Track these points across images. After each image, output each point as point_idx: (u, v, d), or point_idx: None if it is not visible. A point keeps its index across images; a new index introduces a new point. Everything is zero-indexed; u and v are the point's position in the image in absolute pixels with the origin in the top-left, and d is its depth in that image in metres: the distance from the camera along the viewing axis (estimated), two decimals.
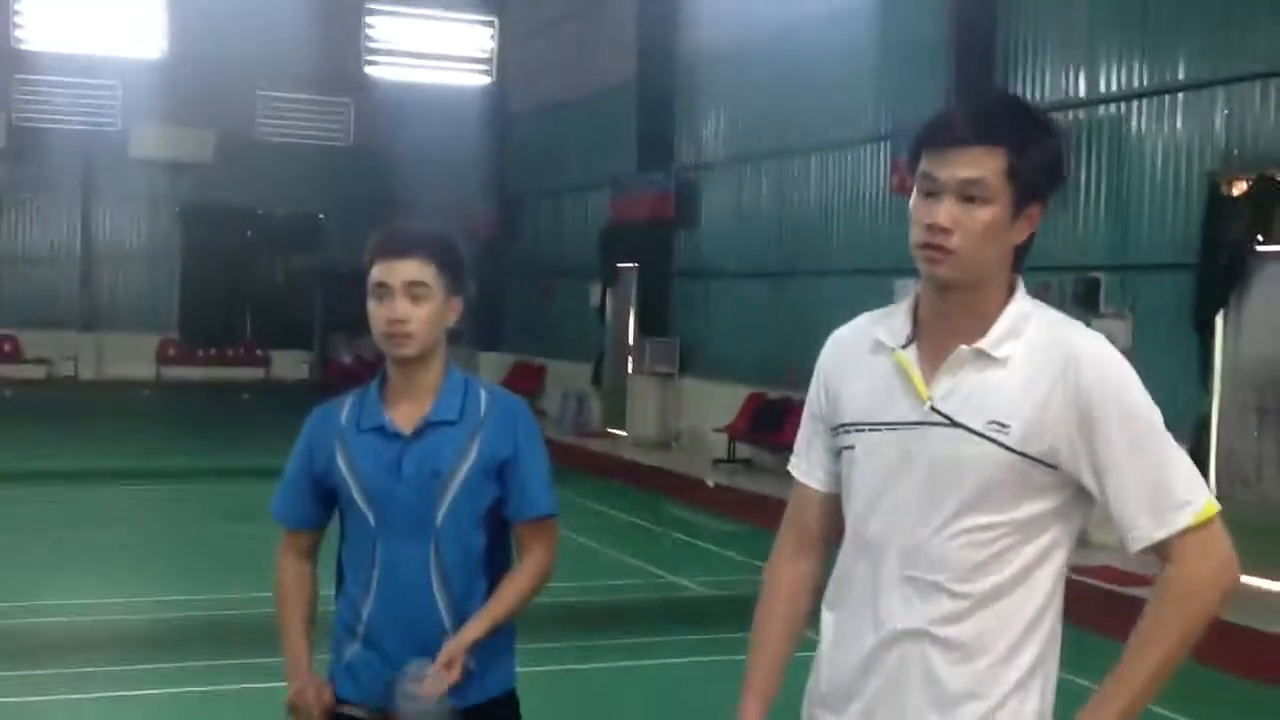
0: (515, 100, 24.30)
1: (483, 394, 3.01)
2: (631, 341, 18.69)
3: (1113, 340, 2.30)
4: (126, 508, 12.68)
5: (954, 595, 2.13)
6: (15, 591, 8.65)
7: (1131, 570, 8.13)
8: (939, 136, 2.16)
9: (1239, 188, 9.81)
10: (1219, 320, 9.82)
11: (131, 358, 26.98)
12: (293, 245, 29.10)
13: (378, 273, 2.90)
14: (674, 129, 18.29)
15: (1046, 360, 2.13)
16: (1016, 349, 2.15)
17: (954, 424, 2.14)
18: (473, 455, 2.91)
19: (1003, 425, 2.11)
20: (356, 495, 2.92)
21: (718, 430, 15.69)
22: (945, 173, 2.13)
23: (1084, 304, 10.80)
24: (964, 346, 2.16)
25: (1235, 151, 10.06)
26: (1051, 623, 2.17)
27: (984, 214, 2.13)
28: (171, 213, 27.63)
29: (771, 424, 15.11)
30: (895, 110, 13.89)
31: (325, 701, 2.89)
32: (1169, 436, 2.12)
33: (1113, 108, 11.35)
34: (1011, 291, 2.21)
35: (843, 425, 2.27)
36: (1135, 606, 2.16)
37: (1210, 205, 9.97)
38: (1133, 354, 10.49)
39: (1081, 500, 2.16)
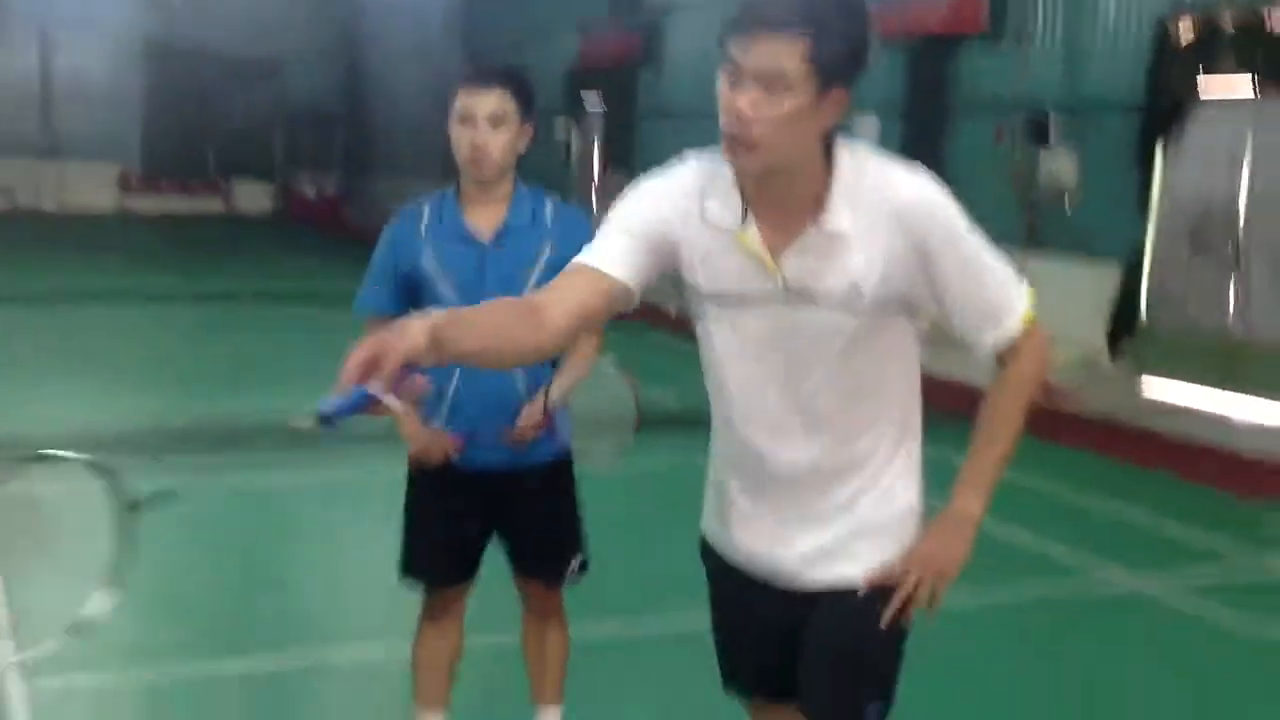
0: None
1: (548, 203, 3.48)
2: (596, 178, 19.22)
3: (1060, 176, 2.69)
4: (132, 327, 13.13)
5: (835, 434, 2.40)
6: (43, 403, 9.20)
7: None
8: (743, 23, 2.14)
9: (1185, 31, 10.39)
10: (1158, 156, 10.50)
11: (92, 186, 27.08)
12: (255, 82, 29.11)
13: (463, 103, 3.34)
14: None
15: (880, 220, 2.25)
16: (852, 219, 2.26)
17: (810, 298, 2.29)
18: (545, 254, 3.38)
19: (858, 292, 2.28)
20: (445, 290, 3.37)
21: None
22: (749, 62, 2.14)
23: (1034, 140, 11.40)
24: (810, 228, 2.26)
25: None
26: (914, 421, 2.49)
27: (786, 103, 2.13)
28: (135, 46, 27.50)
29: None
30: None
31: (446, 443, 3.43)
32: (988, 250, 2.33)
33: None
34: (829, 167, 2.27)
35: (702, 293, 2.39)
36: None
37: (1158, 48, 10.56)
38: (1079, 188, 11.21)
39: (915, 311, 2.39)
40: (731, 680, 2.71)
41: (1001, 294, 2.35)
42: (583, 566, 3.69)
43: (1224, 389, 9.81)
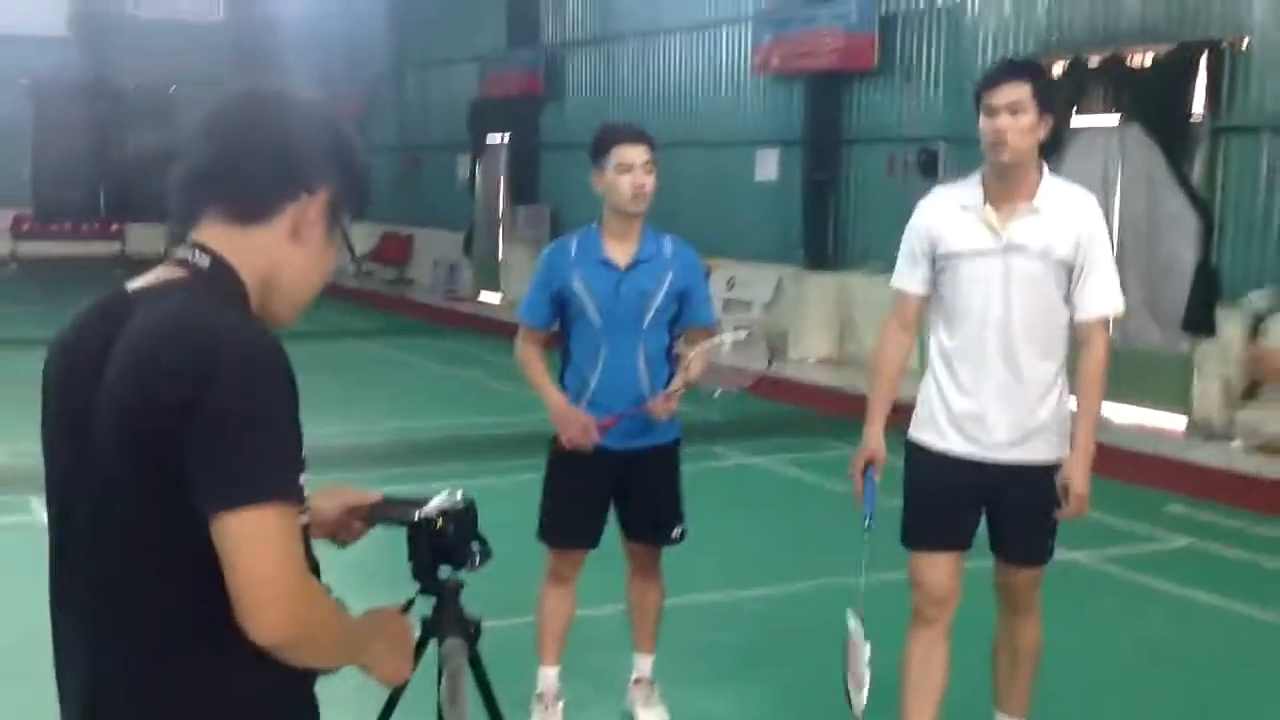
0: None
1: (668, 242, 4.53)
2: (502, 211, 19.82)
3: None
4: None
5: (1047, 346, 3.87)
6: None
7: None
8: (992, 80, 3.76)
9: (1057, 68, 11.45)
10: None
11: None
12: (147, 119, 29.11)
13: (622, 154, 4.34)
14: (540, 6, 19.26)
15: (1068, 208, 3.82)
16: (1052, 202, 3.80)
17: (1023, 249, 3.79)
18: (667, 283, 4.43)
19: (1049, 247, 3.78)
20: (589, 307, 4.38)
21: None
22: (999, 99, 3.70)
23: (925, 171, 12.33)
24: (1023, 204, 3.79)
25: (1054, 37, 11.69)
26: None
27: (1026, 120, 3.71)
28: (20, 86, 27.38)
29: None
30: None
31: (591, 424, 4.36)
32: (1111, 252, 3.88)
33: None
34: (1041, 170, 3.82)
35: (949, 254, 3.87)
36: None
37: None
38: None
39: None
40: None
41: (1112, 284, 3.85)
42: (682, 534, 4.63)
43: (1106, 397, 10.82)
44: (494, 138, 20.04)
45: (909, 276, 4.02)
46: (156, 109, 28.88)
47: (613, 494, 4.54)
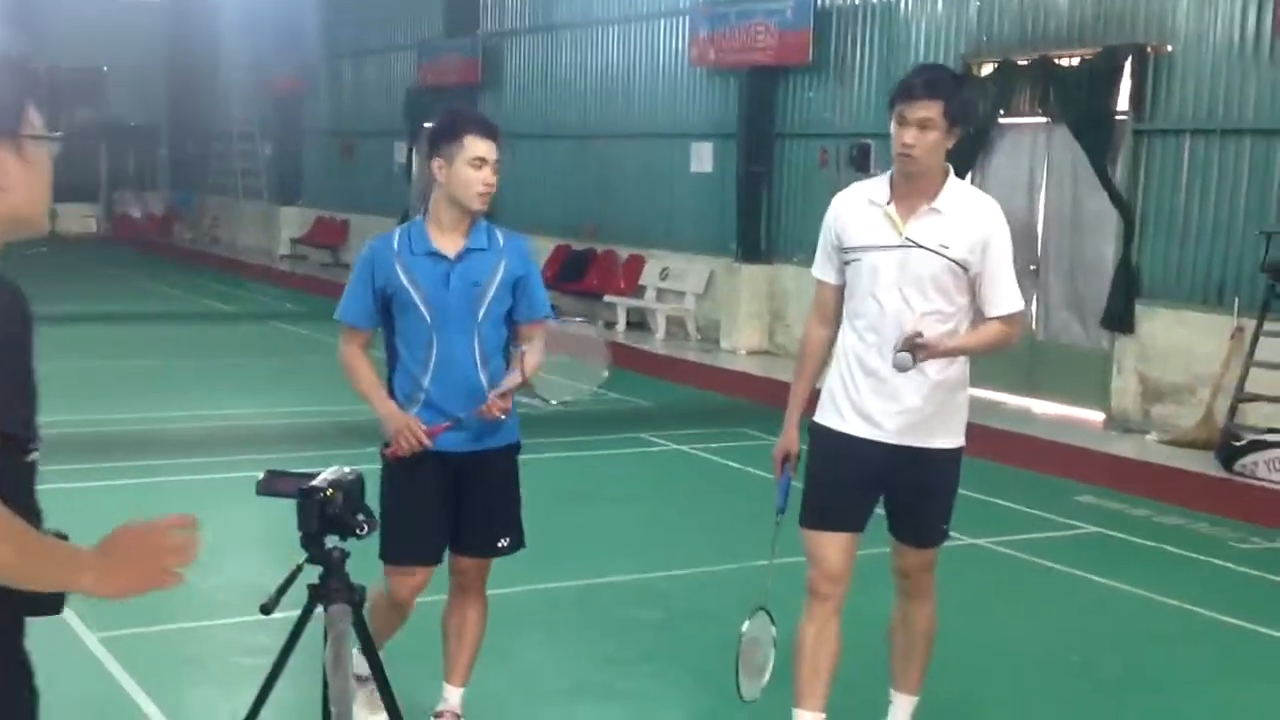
0: None
1: (499, 233, 4.19)
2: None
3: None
4: None
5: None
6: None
7: None
8: (908, 93, 3.90)
9: (986, 68, 11.64)
10: (966, 179, 11.67)
11: None
12: (76, 99, 28.72)
13: (477, 149, 4.00)
14: None
15: (968, 210, 3.98)
16: (952, 204, 3.96)
17: (920, 246, 3.94)
18: (500, 273, 4.10)
19: (946, 246, 3.93)
20: (417, 301, 4.05)
21: None
22: (911, 114, 3.87)
23: (857, 166, 12.48)
24: (924, 204, 3.94)
25: (984, 38, 11.87)
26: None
27: (932, 137, 3.88)
28: None
29: (577, 273, 16.59)
30: None
31: (420, 429, 4.00)
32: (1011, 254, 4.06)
33: None
34: (946, 174, 4.00)
35: (852, 248, 4.03)
36: None
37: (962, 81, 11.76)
38: None
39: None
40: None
41: (1012, 284, 4.02)
42: (511, 545, 4.28)
43: (1028, 391, 11.07)
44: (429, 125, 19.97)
45: (823, 268, 4.18)
46: (88, 89, 28.53)
47: (451, 501, 4.18)
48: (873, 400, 4.01)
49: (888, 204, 3.98)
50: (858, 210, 4.05)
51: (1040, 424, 10.44)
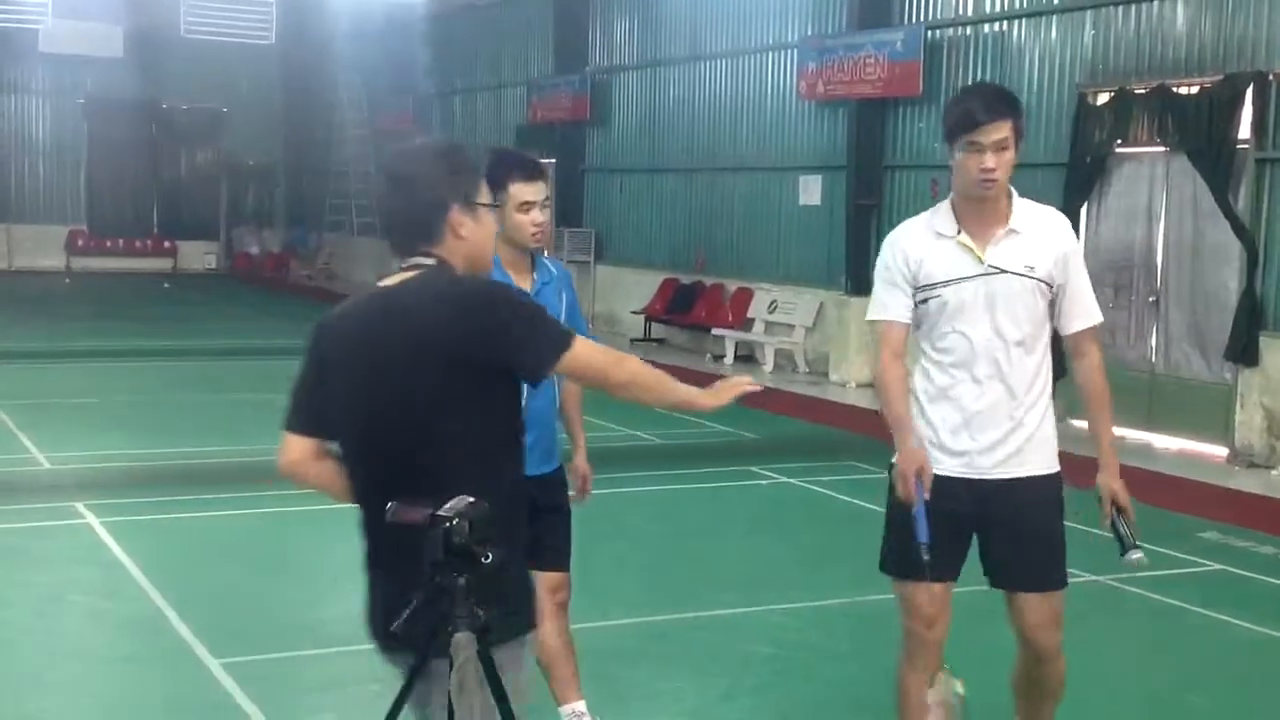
0: (435, 2, 25.02)
1: (548, 261, 4.45)
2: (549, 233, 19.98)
3: None
4: (103, 380, 13.70)
5: (1034, 361, 3.94)
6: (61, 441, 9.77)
7: None
8: (973, 119, 3.76)
9: (1102, 98, 11.46)
10: (1084, 210, 11.51)
11: (41, 248, 27.40)
12: (197, 139, 29.61)
13: (523, 194, 4.16)
14: (588, 32, 19.45)
15: (1044, 227, 3.92)
16: (1027, 223, 3.88)
17: (1004, 271, 3.86)
18: (565, 300, 4.38)
19: (1031, 266, 3.86)
20: None
21: (635, 312, 17.17)
22: (986, 138, 3.74)
23: None
24: (1000, 228, 3.86)
25: (1101, 66, 11.70)
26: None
27: (1009, 156, 3.79)
28: (76, 105, 27.89)
29: (684, 306, 16.64)
30: (802, 22, 15.27)
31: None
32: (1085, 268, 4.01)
33: (996, 26, 12.92)
34: (1011, 194, 3.89)
35: (931, 284, 3.88)
36: None
37: (1078, 113, 11.61)
38: None
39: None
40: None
41: (1091, 298, 4.00)
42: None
43: (1147, 425, 10.81)
44: (544, 161, 20.21)
45: (893, 307, 3.96)
46: (207, 129, 29.39)
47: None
48: (959, 436, 3.89)
49: (958, 234, 3.87)
50: (927, 245, 3.90)
51: (1161, 459, 10.19)
